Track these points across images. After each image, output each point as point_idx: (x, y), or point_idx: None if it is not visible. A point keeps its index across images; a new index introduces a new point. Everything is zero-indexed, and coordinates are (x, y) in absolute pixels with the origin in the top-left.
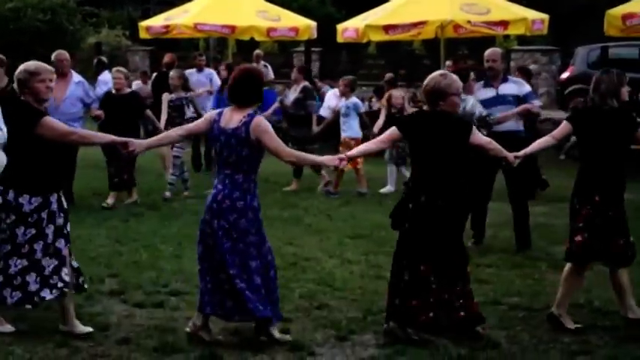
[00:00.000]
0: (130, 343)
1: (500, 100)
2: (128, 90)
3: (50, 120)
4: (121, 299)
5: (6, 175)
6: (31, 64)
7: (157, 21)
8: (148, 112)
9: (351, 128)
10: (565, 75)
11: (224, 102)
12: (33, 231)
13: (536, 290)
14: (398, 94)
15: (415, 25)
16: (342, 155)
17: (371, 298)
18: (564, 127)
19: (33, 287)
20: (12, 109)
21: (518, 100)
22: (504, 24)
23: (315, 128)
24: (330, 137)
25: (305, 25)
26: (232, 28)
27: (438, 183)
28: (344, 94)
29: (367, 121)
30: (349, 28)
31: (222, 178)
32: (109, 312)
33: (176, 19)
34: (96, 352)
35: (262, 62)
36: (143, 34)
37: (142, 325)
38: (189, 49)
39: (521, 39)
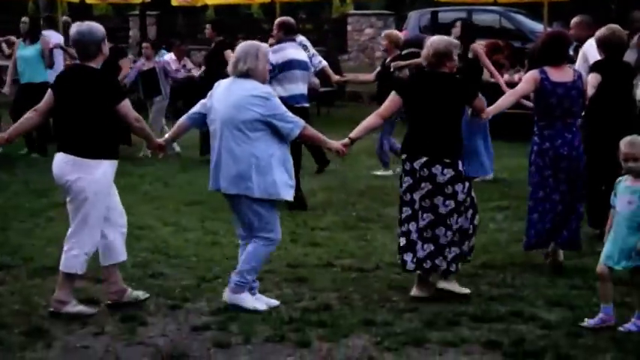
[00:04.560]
0: None
1: None
2: None
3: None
4: None
5: (437, 149)
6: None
7: None
8: None
9: None
10: None
11: None
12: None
13: (368, 251)
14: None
15: None
16: None
17: (206, 265)
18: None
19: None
20: (445, 84)
21: None
22: None
23: None
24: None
25: None
26: None
27: None
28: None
29: None
30: None
31: (563, 127)
32: None
33: None
34: None
35: (73, 25)
36: None
37: None
38: (18, 11)
39: (358, 4)
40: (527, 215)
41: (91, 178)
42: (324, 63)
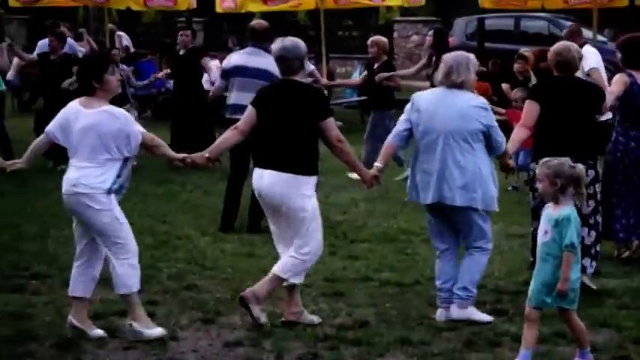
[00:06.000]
0: None
1: None
2: None
3: None
4: None
5: (582, 150)
6: None
7: None
8: None
9: None
10: None
11: None
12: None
13: (408, 265)
14: None
15: None
16: None
17: (241, 277)
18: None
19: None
20: (580, 88)
21: None
22: None
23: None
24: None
25: None
26: None
27: None
28: None
29: None
30: None
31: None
32: None
33: None
34: None
35: (117, 32)
36: (13, 3)
37: None
38: (68, 18)
39: (404, 10)
40: (607, 212)
41: (309, 194)
42: (311, 67)
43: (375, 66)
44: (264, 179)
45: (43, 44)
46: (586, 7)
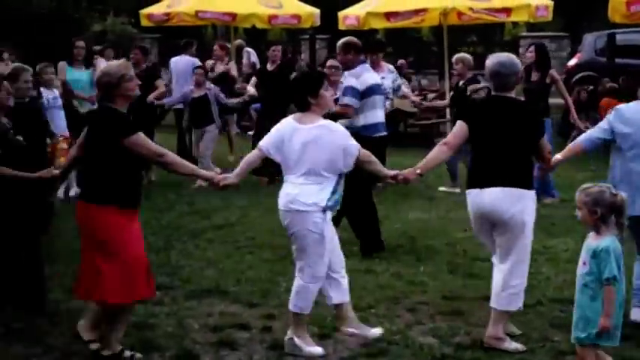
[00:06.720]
0: None
1: None
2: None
3: None
4: None
5: None
6: None
7: (159, 9)
8: None
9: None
10: (572, 62)
11: None
12: None
13: (530, 284)
14: None
15: (417, 12)
16: None
17: (359, 293)
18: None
19: None
20: None
21: None
22: (507, 11)
23: None
24: None
25: (307, 12)
26: (233, 16)
27: None
28: None
29: None
30: (350, 16)
31: None
32: (85, 308)
33: (177, 6)
34: (70, 350)
35: (246, 48)
36: (145, 22)
37: None
38: (196, 36)
39: (531, 26)
40: None
41: (531, 208)
42: (404, 90)
43: (461, 83)
44: (485, 198)
45: (176, 60)
46: None
